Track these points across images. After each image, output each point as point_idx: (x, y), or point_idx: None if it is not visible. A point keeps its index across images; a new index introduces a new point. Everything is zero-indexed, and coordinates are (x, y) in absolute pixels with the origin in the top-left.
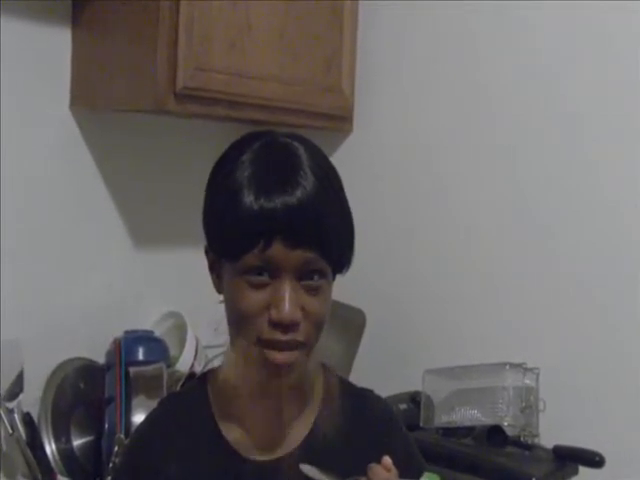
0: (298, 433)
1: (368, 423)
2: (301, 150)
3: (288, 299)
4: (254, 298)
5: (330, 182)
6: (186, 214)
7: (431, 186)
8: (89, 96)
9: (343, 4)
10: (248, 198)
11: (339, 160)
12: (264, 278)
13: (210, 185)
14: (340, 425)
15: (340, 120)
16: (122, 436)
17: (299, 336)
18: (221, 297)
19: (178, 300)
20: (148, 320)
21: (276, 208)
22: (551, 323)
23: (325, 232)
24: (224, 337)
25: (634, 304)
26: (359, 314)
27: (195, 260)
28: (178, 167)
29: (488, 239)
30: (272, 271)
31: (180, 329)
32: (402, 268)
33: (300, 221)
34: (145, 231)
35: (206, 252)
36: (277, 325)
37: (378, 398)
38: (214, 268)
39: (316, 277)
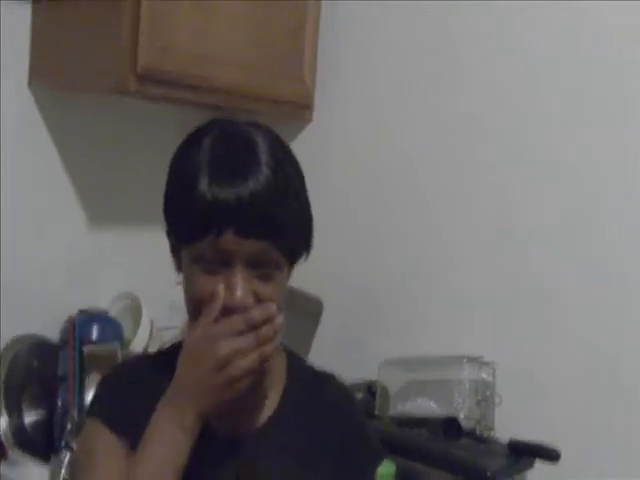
0: (262, 413)
1: (328, 406)
2: (260, 140)
3: (239, 285)
4: (206, 283)
5: (286, 174)
6: (143, 195)
7: (391, 175)
8: (48, 74)
9: None
10: (202, 187)
11: (298, 149)
12: (216, 265)
13: (170, 169)
14: (303, 406)
15: (300, 108)
16: (75, 414)
17: None
18: (179, 279)
19: (133, 281)
20: (103, 300)
21: (228, 199)
22: (508, 318)
23: (277, 224)
24: (179, 318)
25: (592, 299)
26: (316, 302)
27: (151, 241)
28: (136, 149)
29: (449, 230)
30: (224, 260)
31: (134, 310)
32: (362, 258)
33: (251, 213)
34: (102, 211)
35: (167, 234)
36: (229, 310)
37: (340, 383)
38: (175, 250)
39: (268, 266)
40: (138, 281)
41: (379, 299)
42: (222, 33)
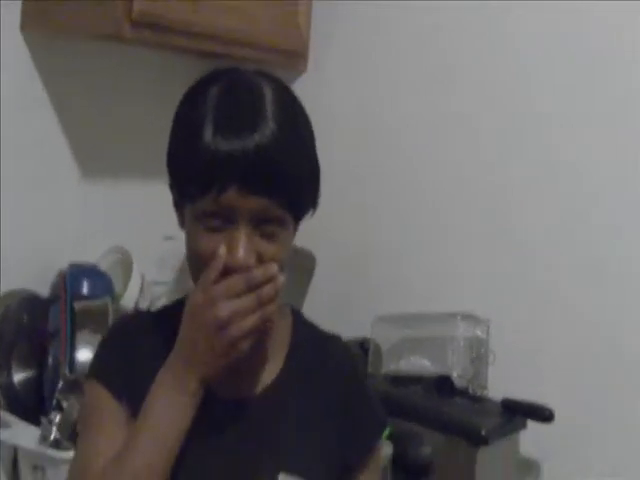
0: (265, 375)
1: (331, 367)
2: (268, 92)
3: (242, 244)
4: (209, 241)
5: (294, 127)
6: (136, 148)
7: (385, 129)
8: (41, 20)
9: None
10: (206, 138)
11: None
12: (219, 223)
13: (174, 119)
14: (307, 368)
15: (295, 57)
16: (67, 372)
17: None
18: (168, 234)
19: (123, 235)
20: (93, 254)
21: (232, 152)
22: (501, 276)
23: (282, 180)
24: (168, 273)
25: (583, 259)
26: (309, 257)
27: (142, 195)
28: (130, 99)
29: (442, 189)
30: (228, 216)
31: (125, 264)
32: (355, 214)
33: (256, 168)
34: (94, 163)
35: (170, 188)
36: (231, 271)
37: (343, 344)
38: (178, 205)
39: (273, 224)
40: (127, 235)
41: (372, 255)
42: None
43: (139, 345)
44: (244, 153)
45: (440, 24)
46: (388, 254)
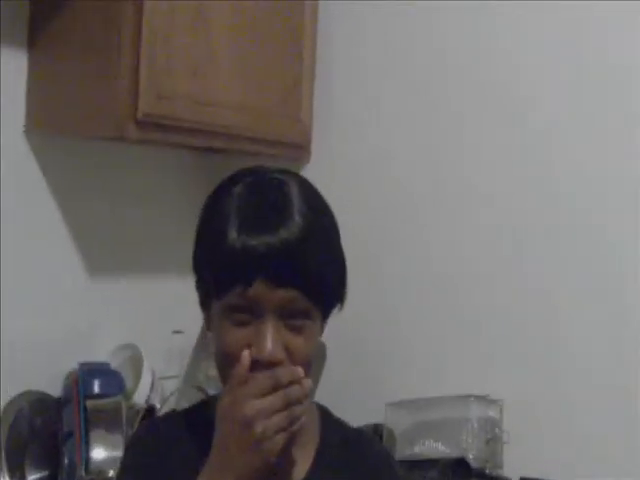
0: (299, 469)
1: (367, 471)
2: (293, 189)
3: (270, 337)
4: (237, 336)
5: (319, 222)
6: (142, 244)
7: (389, 217)
8: (45, 121)
9: (303, 33)
10: (232, 235)
11: None
12: (246, 316)
13: (200, 218)
14: (338, 469)
15: (298, 149)
16: (83, 473)
17: None
18: (176, 328)
19: (131, 331)
20: (101, 351)
21: (258, 247)
22: (513, 355)
23: (308, 273)
24: (177, 368)
25: (594, 336)
26: (320, 346)
27: (148, 291)
28: (135, 196)
29: (450, 269)
30: (255, 310)
31: (134, 361)
32: (363, 299)
33: (282, 261)
34: (99, 261)
35: (196, 287)
36: (259, 365)
37: (380, 446)
38: (205, 304)
39: (300, 317)
40: (135, 331)
41: (380, 341)
42: (220, 77)
43: (166, 447)
44: (271, 246)
45: (436, 102)
46: (398, 339)
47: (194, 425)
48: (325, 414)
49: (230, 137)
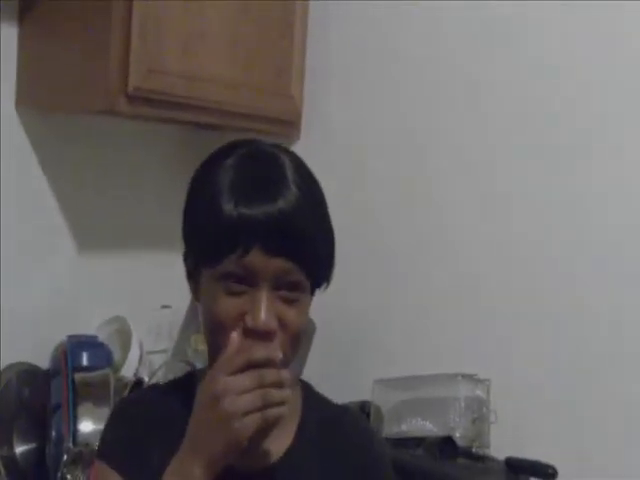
0: (279, 446)
1: (345, 440)
2: (286, 161)
3: (264, 307)
4: (230, 305)
5: (313, 196)
6: (132, 218)
7: (379, 195)
8: (36, 96)
9: (294, 10)
10: (229, 204)
11: None
12: (240, 286)
13: (191, 189)
14: (319, 441)
15: (288, 125)
16: (71, 445)
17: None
18: (164, 303)
19: (119, 304)
20: (89, 324)
21: (256, 215)
22: (502, 334)
23: (305, 244)
24: (165, 342)
25: (586, 316)
26: (308, 322)
27: (137, 264)
28: (125, 171)
29: (442, 248)
30: (250, 279)
31: (123, 334)
32: (353, 276)
33: (279, 230)
34: (88, 234)
35: (185, 258)
36: (252, 333)
37: (358, 417)
38: (192, 275)
39: (293, 288)
40: (124, 304)
41: (371, 318)
42: (211, 52)
43: (148, 422)
44: (268, 215)
45: (426, 95)
46: (387, 317)
47: (178, 398)
48: (308, 391)
49: (220, 113)
